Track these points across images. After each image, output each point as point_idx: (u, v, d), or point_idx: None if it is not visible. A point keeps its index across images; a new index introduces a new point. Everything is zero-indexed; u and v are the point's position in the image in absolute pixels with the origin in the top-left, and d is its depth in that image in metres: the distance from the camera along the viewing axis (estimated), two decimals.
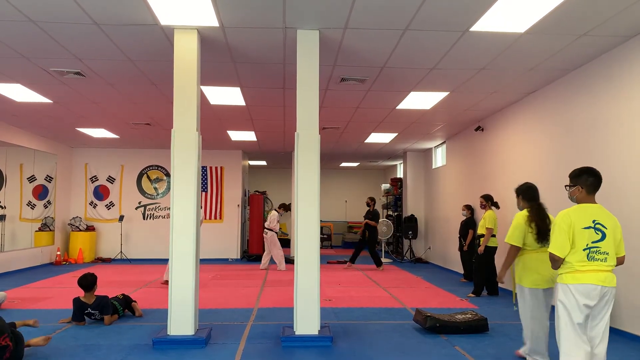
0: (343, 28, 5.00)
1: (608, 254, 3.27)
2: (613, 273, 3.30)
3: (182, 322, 4.86)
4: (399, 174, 16.35)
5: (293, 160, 6.08)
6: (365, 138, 11.56)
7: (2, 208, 10.31)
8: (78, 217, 12.98)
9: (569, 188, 3.49)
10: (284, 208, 11.60)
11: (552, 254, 3.36)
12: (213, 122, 9.64)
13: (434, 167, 12.96)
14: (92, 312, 5.67)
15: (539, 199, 4.40)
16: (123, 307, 6.10)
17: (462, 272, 9.63)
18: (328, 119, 9.35)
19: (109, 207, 13.38)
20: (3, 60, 6.00)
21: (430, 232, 13.19)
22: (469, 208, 9.23)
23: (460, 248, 9.39)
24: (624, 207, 5.30)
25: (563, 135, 6.58)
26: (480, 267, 7.74)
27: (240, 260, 13.24)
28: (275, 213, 11.36)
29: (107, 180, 13.42)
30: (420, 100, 7.90)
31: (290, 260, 11.09)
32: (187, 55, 5.06)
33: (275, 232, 11.12)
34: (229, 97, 7.72)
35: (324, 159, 15.38)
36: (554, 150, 6.80)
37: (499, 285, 7.85)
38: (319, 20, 4.84)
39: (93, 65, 6.21)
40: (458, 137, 10.94)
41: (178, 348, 4.73)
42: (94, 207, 13.32)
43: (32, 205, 11.38)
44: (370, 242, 11.21)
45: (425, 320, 5.36)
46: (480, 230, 7.90)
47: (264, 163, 17.43)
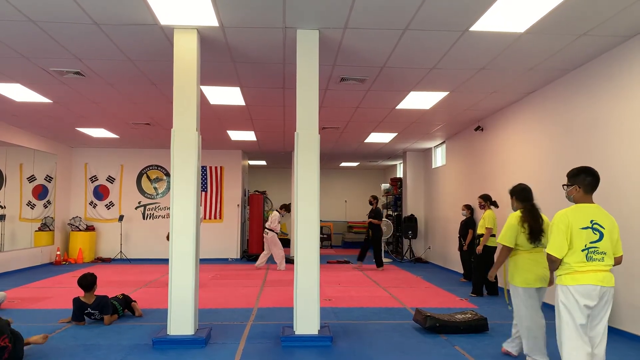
0: (343, 28, 5.00)
1: (606, 254, 3.27)
2: (611, 273, 3.29)
3: (181, 322, 4.86)
4: (399, 174, 16.35)
5: (293, 160, 6.08)
6: (365, 138, 11.56)
7: (2, 208, 10.31)
8: (78, 217, 12.98)
9: (567, 187, 3.48)
10: (286, 209, 11.56)
11: (550, 255, 3.34)
12: (213, 122, 9.64)
13: (434, 166, 12.96)
14: (92, 312, 5.67)
15: (533, 200, 4.41)
16: (123, 307, 6.10)
17: (462, 272, 9.63)
18: (328, 119, 9.35)
19: (109, 207, 13.38)
20: (3, 60, 6.00)
21: (430, 231, 13.19)
22: (469, 208, 9.23)
23: (460, 248, 9.39)
24: (624, 207, 5.30)
25: (563, 135, 6.58)
26: (480, 266, 7.74)
27: (240, 260, 13.24)
28: (277, 214, 11.34)
29: (106, 180, 13.42)
30: (420, 100, 7.90)
31: (290, 260, 11.09)
32: (186, 55, 5.06)
33: (276, 232, 11.11)
34: (229, 97, 7.72)
35: (324, 159, 15.38)
36: (554, 150, 6.80)
37: (499, 285, 7.86)
38: (319, 20, 4.84)
39: (93, 65, 6.21)
40: (458, 137, 10.95)
41: (178, 348, 4.73)
42: (94, 207, 13.32)
43: (31, 205, 11.38)
44: (375, 240, 11.22)
45: (425, 320, 5.37)
46: (480, 230, 7.91)
47: (264, 163, 17.43)
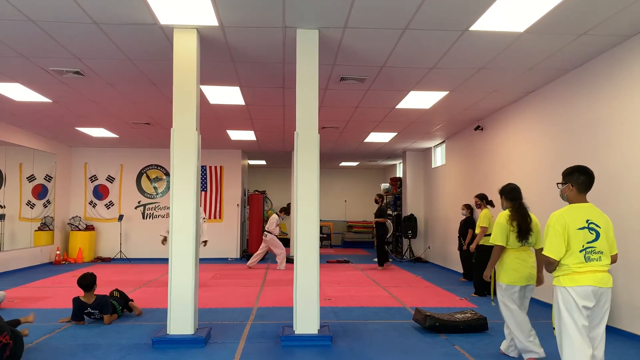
0: (343, 27, 5.00)
1: (602, 253, 3.24)
2: (609, 273, 3.27)
3: (181, 321, 4.86)
4: (399, 174, 16.35)
5: (293, 160, 6.08)
6: (365, 137, 11.56)
7: (1, 207, 10.30)
8: (77, 216, 12.97)
9: (561, 186, 3.48)
10: (285, 212, 11.62)
11: (547, 257, 3.27)
12: (212, 121, 9.64)
13: (434, 166, 12.96)
14: (91, 311, 5.67)
15: (522, 199, 4.49)
16: (122, 306, 6.11)
17: (461, 271, 9.63)
18: (327, 119, 9.35)
19: (109, 206, 13.37)
20: (2, 60, 5.99)
21: (430, 231, 13.19)
22: (469, 207, 9.23)
23: (460, 247, 9.39)
24: (624, 207, 5.30)
25: (562, 135, 6.58)
26: (479, 266, 7.74)
27: (240, 260, 13.24)
28: (276, 216, 11.36)
29: (106, 180, 13.41)
30: (420, 100, 7.90)
31: (290, 260, 11.11)
32: (186, 55, 5.06)
33: (274, 235, 11.15)
34: (229, 96, 7.72)
35: (324, 159, 15.37)
36: (554, 150, 6.80)
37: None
38: (319, 20, 4.84)
39: (92, 65, 6.20)
40: (457, 136, 10.95)
41: (177, 347, 4.73)
42: (94, 206, 13.31)
43: (31, 205, 11.38)
44: (379, 238, 11.33)
45: (425, 320, 5.37)
46: (478, 230, 7.91)
47: (264, 162, 17.43)
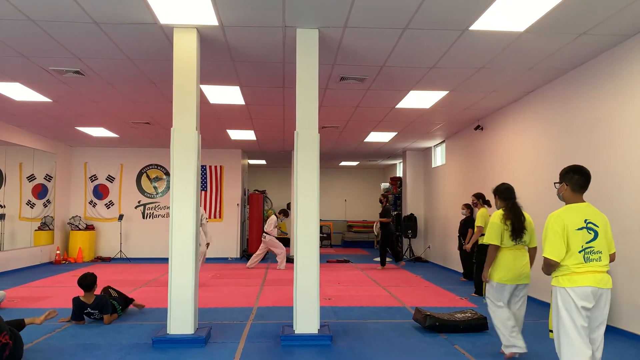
0: (343, 27, 5.00)
1: (602, 253, 3.23)
2: (608, 274, 3.25)
3: (181, 321, 4.86)
4: (399, 173, 16.35)
5: (293, 159, 6.08)
6: (365, 137, 11.56)
7: (1, 207, 10.30)
8: (77, 216, 12.97)
9: (557, 185, 3.50)
10: (284, 214, 11.69)
11: (548, 259, 3.24)
12: (212, 121, 9.64)
13: (434, 166, 12.96)
14: (91, 311, 5.67)
15: (515, 199, 4.54)
16: (122, 306, 6.11)
17: (461, 271, 9.63)
18: (327, 118, 9.35)
19: (109, 206, 13.37)
20: (2, 59, 5.99)
21: (430, 231, 13.19)
22: (468, 207, 9.22)
23: (460, 247, 9.38)
24: (624, 206, 5.30)
25: (562, 134, 6.58)
26: (480, 266, 7.74)
27: (240, 260, 13.24)
28: (274, 218, 11.38)
29: (106, 180, 13.41)
30: (420, 99, 7.89)
31: (290, 259, 11.11)
32: (186, 54, 5.06)
33: (273, 236, 11.17)
34: (229, 96, 7.72)
35: (324, 158, 15.37)
36: (554, 149, 6.80)
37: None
38: (319, 19, 4.84)
39: (92, 65, 6.20)
40: (457, 136, 10.94)
41: (178, 347, 4.73)
42: (94, 206, 13.31)
43: (31, 205, 11.38)
44: (383, 237, 11.46)
45: (425, 319, 5.37)
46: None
47: (264, 162, 17.42)
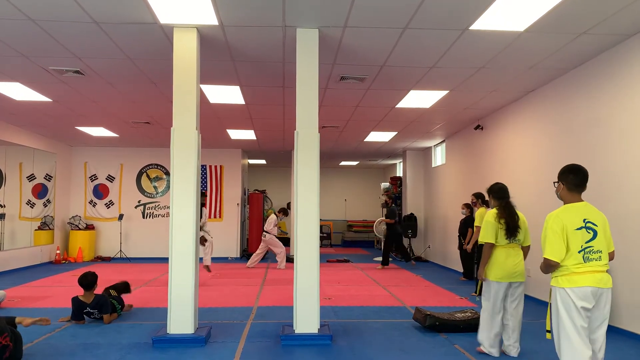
0: (343, 27, 5.00)
1: (601, 252, 3.22)
2: (608, 273, 3.24)
3: (181, 320, 4.86)
4: (399, 173, 16.35)
5: (293, 159, 6.08)
6: (365, 137, 11.56)
7: (1, 207, 10.30)
8: (77, 215, 12.97)
9: (555, 185, 3.52)
10: (284, 213, 11.71)
11: (548, 260, 3.23)
12: (212, 120, 9.64)
13: (434, 165, 12.95)
14: (91, 311, 5.67)
15: (509, 198, 4.59)
16: (122, 305, 6.11)
17: (461, 270, 9.63)
18: (327, 118, 9.35)
19: (109, 205, 13.37)
20: (2, 59, 5.99)
21: (430, 230, 13.19)
22: (468, 207, 9.22)
23: (460, 247, 9.39)
24: (624, 206, 5.29)
25: (562, 134, 6.58)
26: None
27: (240, 259, 13.24)
28: (274, 217, 11.39)
29: (106, 179, 13.41)
30: (420, 99, 7.89)
31: (290, 259, 11.11)
32: (186, 54, 5.06)
33: (273, 235, 11.17)
34: (229, 95, 7.71)
35: (324, 158, 15.37)
36: (554, 149, 6.79)
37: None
38: (319, 19, 4.83)
39: (92, 64, 6.20)
40: (457, 135, 10.94)
41: (178, 347, 4.73)
42: (94, 205, 13.31)
43: (31, 204, 11.38)
44: (388, 238, 11.55)
45: (425, 319, 5.37)
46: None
47: (264, 162, 17.42)
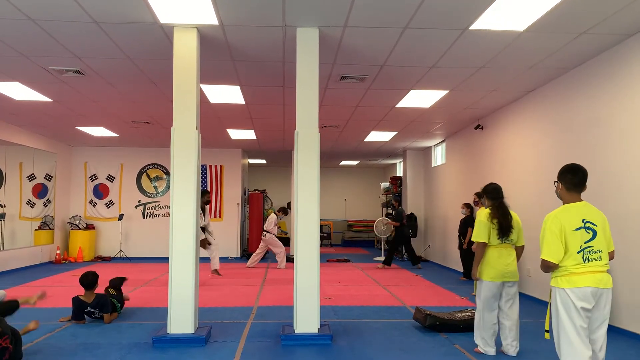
0: (343, 26, 5.00)
1: (601, 252, 3.19)
2: (609, 274, 3.22)
3: (181, 320, 4.86)
4: (399, 173, 16.34)
5: (293, 159, 6.08)
6: (365, 136, 11.56)
7: (1, 207, 10.30)
8: (78, 215, 12.97)
9: (555, 184, 3.53)
10: (283, 212, 11.73)
11: (546, 261, 3.21)
12: (213, 120, 9.64)
13: (434, 165, 12.95)
14: (91, 310, 5.67)
15: (503, 198, 4.62)
16: (121, 304, 6.11)
17: (461, 270, 9.63)
18: (327, 118, 9.35)
19: (109, 205, 13.37)
20: (2, 59, 5.99)
21: (430, 230, 13.19)
22: (468, 206, 9.22)
23: (460, 246, 9.39)
24: (624, 206, 5.29)
25: (563, 134, 6.58)
26: None
27: (240, 259, 13.24)
28: (274, 216, 11.39)
29: (106, 179, 13.41)
30: (420, 99, 7.89)
31: (290, 259, 11.11)
32: (186, 54, 5.05)
33: (273, 234, 11.17)
34: (229, 95, 7.71)
35: (324, 158, 15.37)
36: (554, 149, 6.79)
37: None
38: (319, 19, 4.83)
39: (92, 64, 6.20)
40: (458, 135, 10.94)
41: (178, 346, 4.74)
42: (94, 205, 13.31)
43: (31, 204, 11.38)
44: (395, 239, 11.65)
45: (425, 319, 5.37)
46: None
47: (264, 161, 17.42)
